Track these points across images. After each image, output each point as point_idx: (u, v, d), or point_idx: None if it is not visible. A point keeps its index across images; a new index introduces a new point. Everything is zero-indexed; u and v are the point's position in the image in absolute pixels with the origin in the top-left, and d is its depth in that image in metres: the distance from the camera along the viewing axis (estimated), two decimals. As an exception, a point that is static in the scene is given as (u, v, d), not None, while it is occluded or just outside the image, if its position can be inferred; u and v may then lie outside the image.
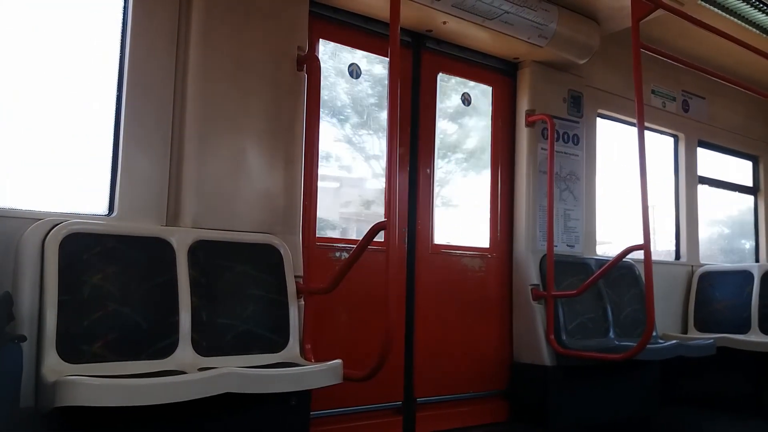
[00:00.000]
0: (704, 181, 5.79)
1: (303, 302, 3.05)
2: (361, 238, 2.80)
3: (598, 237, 4.78)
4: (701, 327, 5.14)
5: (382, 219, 2.68)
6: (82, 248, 2.49)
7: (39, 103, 2.71)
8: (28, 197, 2.65)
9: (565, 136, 4.49)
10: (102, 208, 2.80)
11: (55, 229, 2.46)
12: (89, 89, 2.83)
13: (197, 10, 2.96)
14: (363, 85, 3.86)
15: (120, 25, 2.87)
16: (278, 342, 2.88)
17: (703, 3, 4.33)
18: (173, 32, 2.96)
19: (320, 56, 3.53)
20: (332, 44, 3.71)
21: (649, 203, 3.47)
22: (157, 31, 2.92)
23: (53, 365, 2.29)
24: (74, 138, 2.79)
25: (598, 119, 4.89)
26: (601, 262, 4.42)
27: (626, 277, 4.60)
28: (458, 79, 4.30)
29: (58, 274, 2.39)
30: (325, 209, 3.65)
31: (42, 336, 2.32)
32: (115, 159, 2.80)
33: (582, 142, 4.59)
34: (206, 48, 2.97)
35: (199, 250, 2.78)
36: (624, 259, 3.93)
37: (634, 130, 3.47)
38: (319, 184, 3.47)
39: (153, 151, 2.87)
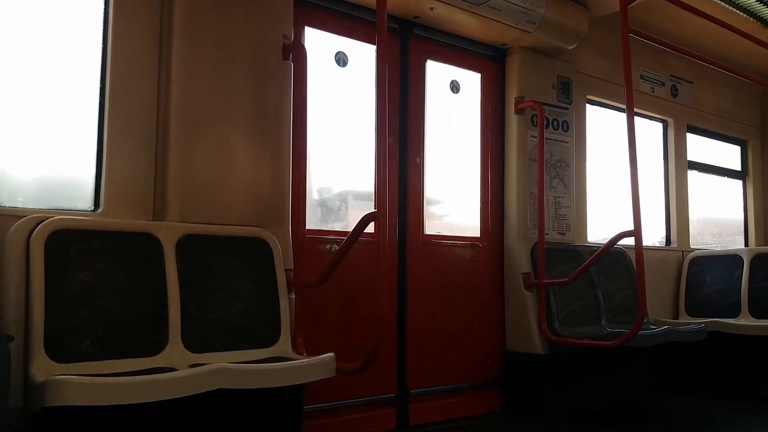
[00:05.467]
0: (694, 166, 5.80)
1: (294, 296, 3.02)
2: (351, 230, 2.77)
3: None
4: (692, 312, 5.17)
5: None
6: (68, 245, 2.44)
7: (21, 97, 2.65)
8: (12, 194, 2.59)
9: (555, 123, 4.47)
10: (87, 203, 2.75)
11: (40, 225, 2.41)
12: (71, 83, 2.78)
13: (179, 0, 2.91)
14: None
15: (102, 18, 2.81)
16: (269, 336, 2.85)
17: (692, -13, 4.31)
18: (156, 24, 2.91)
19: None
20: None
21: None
22: (140, 24, 2.86)
23: (42, 365, 2.25)
24: (58, 133, 2.74)
25: (588, 105, 4.88)
26: (592, 249, 4.41)
27: (617, 264, 4.60)
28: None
29: (45, 272, 2.35)
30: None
31: (29, 335, 2.28)
32: (100, 154, 2.76)
33: (571, 128, 4.58)
34: (189, 39, 2.92)
35: (187, 245, 2.74)
36: (615, 246, 3.93)
37: (623, 115, 3.46)
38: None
39: (138, 146, 2.82)
